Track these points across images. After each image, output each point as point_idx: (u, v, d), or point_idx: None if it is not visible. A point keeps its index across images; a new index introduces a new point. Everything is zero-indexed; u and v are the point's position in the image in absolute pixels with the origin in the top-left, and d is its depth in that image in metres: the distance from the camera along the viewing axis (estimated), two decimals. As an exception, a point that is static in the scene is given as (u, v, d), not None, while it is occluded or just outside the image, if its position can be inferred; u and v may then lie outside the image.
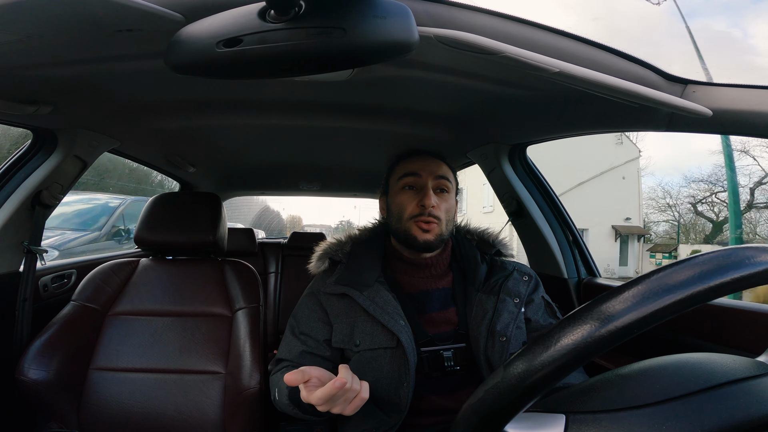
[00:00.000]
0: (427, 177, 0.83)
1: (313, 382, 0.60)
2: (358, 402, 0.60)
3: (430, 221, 0.81)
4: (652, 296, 0.30)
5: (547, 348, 0.31)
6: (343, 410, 0.60)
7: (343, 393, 0.58)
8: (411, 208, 0.83)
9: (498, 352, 0.77)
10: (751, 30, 23.63)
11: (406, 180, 0.85)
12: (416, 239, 0.81)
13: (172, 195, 1.30)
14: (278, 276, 2.28)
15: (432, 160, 0.87)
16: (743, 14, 22.66)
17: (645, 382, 0.36)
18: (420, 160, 0.86)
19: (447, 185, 0.85)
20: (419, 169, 0.84)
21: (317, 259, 0.91)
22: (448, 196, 0.85)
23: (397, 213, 0.85)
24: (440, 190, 0.84)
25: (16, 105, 0.82)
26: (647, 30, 12.63)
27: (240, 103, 1.04)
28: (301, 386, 0.59)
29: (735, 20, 23.46)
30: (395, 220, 0.86)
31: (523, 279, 0.87)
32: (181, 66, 0.41)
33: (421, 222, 0.81)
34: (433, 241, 0.81)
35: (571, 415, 0.35)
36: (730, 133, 0.66)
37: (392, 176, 0.89)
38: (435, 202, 0.81)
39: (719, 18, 24.26)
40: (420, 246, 0.82)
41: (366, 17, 0.38)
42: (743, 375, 0.35)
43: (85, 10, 0.49)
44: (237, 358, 1.05)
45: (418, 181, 0.84)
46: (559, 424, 0.35)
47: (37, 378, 0.93)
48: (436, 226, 0.82)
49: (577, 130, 0.99)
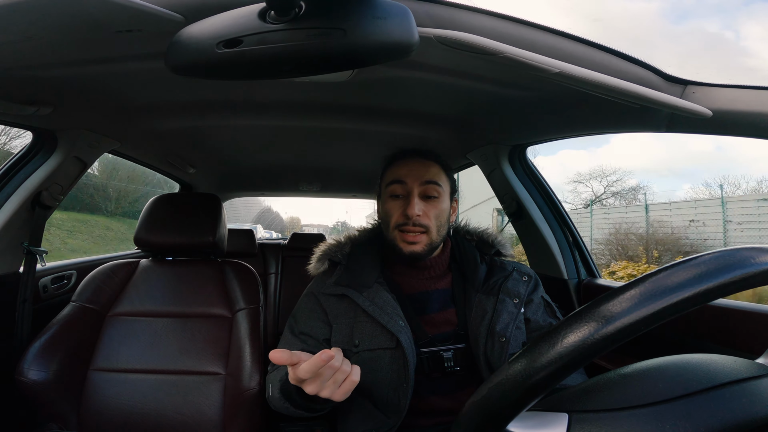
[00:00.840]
0: (412, 183, 0.82)
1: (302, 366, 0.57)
2: (348, 386, 0.58)
3: (415, 231, 0.80)
4: (655, 296, 0.30)
5: (552, 346, 0.31)
6: (332, 394, 0.57)
7: (332, 372, 0.56)
8: (396, 216, 0.82)
9: (498, 352, 0.76)
10: (744, 32, 23.76)
11: (392, 188, 0.84)
12: (402, 251, 0.81)
13: (171, 196, 1.30)
14: (278, 277, 2.28)
15: (420, 163, 0.85)
16: (735, 16, 22.76)
17: (648, 381, 0.36)
18: (406, 165, 0.85)
19: (436, 190, 0.83)
20: (404, 175, 0.83)
21: (317, 260, 0.91)
22: (437, 201, 0.83)
23: (385, 221, 0.85)
24: (427, 196, 0.83)
25: (16, 105, 0.82)
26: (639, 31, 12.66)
27: (240, 104, 1.04)
28: (289, 368, 0.57)
29: (728, 22, 23.59)
30: (384, 227, 0.86)
31: (523, 279, 0.86)
32: (181, 67, 0.41)
33: (407, 234, 0.80)
34: (420, 252, 0.81)
35: (574, 414, 0.35)
36: (730, 134, 0.66)
37: (382, 181, 0.89)
38: (420, 211, 0.80)
39: (713, 20, 24.38)
40: (406, 258, 0.82)
41: (366, 18, 0.38)
42: (743, 376, 0.35)
43: (85, 10, 0.49)
44: (237, 359, 1.05)
45: (404, 188, 0.83)
46: (562, 422, 0.35)
47: (37, 379, 0.93)
48: (423, 236, 0.81)
49: (577, 131, 0.99)
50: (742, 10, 22.65)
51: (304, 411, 0.69)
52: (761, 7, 21.67)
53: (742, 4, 22.85)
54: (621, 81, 0.58)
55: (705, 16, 24.73)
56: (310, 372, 0.55)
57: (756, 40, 22.37)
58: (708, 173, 23.99)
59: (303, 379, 0.56)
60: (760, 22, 22.58)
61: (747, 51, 21.66)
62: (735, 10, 23.17)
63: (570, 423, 0.34)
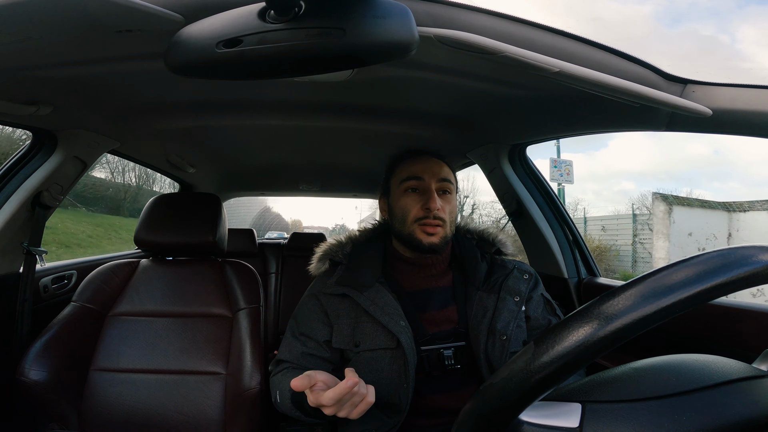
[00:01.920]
0: (430, 179, 0.83)
1: (319, 386, 0.60)
2: (364, 406, 0.60)
3: (435, 224, 0.81)
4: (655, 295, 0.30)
5: (552, 346, 0.31)
6: (349, 414, 0.60)
7: (351, 396, 0.58)
8: (415, 210, 0.82)
9: (498, 350, 0.77)
10: (739, 35, 23.91)
11: (408, 183, 0.84)
12: (421, 242, 0.81)
13: (172, 196, 1.30)
14: (278, 277, 2.28)
15: (434, 161, 0.86)
16: (730, 18, 22.92)
17: (662, 375, 0.36)
18: (421, 162, 0.86)
19: (450, 187, 0.85)
20: (421, 171, 0.84)
21: (318, 260, 0.91)
22: (450, 197, 0.85)
23: (401, 216, 0.85)
24: (443, 191, 0.84)
25: (16, 105, 0.82)
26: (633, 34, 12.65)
27: (240, 104, 1.04)
28: (307, 391, 0.59)
29: (723, 25, 23.76)
30: (398, 223, 0.85)
31: (524, 277, 0.87)
32: (180, 67, 0.41)
33: (427, 226, 0.81)
34: (438, 243, 0.82)
35: (587, 404, 0.35)
36: (730, 133, 0.66)
37: (393, 178, 0.89)
38: (440, 205, 0.81)
39: (707, 22, 24.53)
40: (425, 249, 0.82)
41: (366, 17, 0.38)
42: (756, 374, 0.36)
43: (84, 10, 0.49)
44: (237, 358, 1.05)
45: (421, 184, 0.83)
46: (576, 412, 0.35)
47: (37, 379, 0.93)
48: (441, 228, 0.82)
49: (577, 130, 0.99)
50: (736, 12, 22.85)
51: (316, 419, 0.70)
52: (756, 11, 21.86)
53: (736, 7, 23.06)
54: (621, 80, 0.58)
55: (699, 18, 24.97)
56: (335, 400, 0.56)
57: (750, 44, 22.56)
58: (705, 177, 24.08)
59: (324, 405, 0.58)
60: (755, 25, 22.76)
61: (741, 54, 21.86)
62: (729, 12, 23.41)
63: (584, 413, 0.34)
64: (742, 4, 24.01)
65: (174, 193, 1.60)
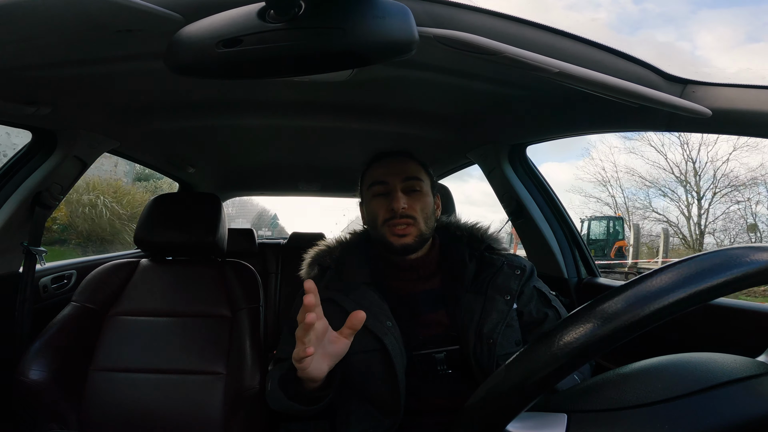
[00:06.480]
0: (394, 181, 0.83)
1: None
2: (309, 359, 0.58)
3: (404, 223, 0.80)
4: (653, 296, 0.30)
5: (549, 347, 0.31)
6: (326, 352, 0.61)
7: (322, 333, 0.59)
8: (382, 213, 0.82)
9: (486, 355, 0.75)
10: (699, 41, 23.96)
11: (374, 189, 0.85)
12: (392, 244, 0.81)
13: (171, 195, 1.30)
14: (278, 276, 2.28)
15: (397, 161, 0.86)
16: (685, 24, 22.96)
17: (647, 381, 0.36)
18: (384, 165, 0.86)
19: (418, 184, 0.84)
20: (384, 176, 0.84)
21: (307, 265, 0.91)
22: (419, 194, 0.84)
23: (372, 221, 0.85)
24: (411, 190, 0.83)
25: (16, 105, 0.82)
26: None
27: (240, 104, 1.04)
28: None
29: (682, 32, 23.82)
30: (372, 228, 0.86)
31: (515, 273, 0.84)
32: (180, 66, 0.41)
33: (395, 227, 0.81)
34: (411, 243, 0.81)
35: (573, 414, 0.35)
36: (730, 133, 0.66)
37: (363, 184, 0.89)
38: (405, 204, 0.80)
39: (665, 29, 24.59)
40: (398, 251, 0.82)
41: (366, 17, 0.38)
42: (744, 374, 0.35)
43: (84, 10, 0.49)
44: (238, 358, 1.05)
45: (386, 187, 0.83)
46: (561, 423, 0.35)
47: (37, 379, 0.93)
48: (412, 227, 0.81)
49: (577, 131, 0.99)
50: (690, 18, 22.90)
51: (299, 404, 0.68)
52: (708, 15, 21.91)
53: (690, 12, 23.09)
54: (621, 80, 0.58)
55: (654, 25, 25.03)
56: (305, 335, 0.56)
57: (709, 49, 22.60)
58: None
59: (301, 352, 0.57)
60: (712, 30, 22.79)
61: (701, 59, 21.92)
62: (684, 18, 23.42)
63: (569, 423, 0.34)
64: (695, 9, 24.07)
65: (174, 193, 1.61)
